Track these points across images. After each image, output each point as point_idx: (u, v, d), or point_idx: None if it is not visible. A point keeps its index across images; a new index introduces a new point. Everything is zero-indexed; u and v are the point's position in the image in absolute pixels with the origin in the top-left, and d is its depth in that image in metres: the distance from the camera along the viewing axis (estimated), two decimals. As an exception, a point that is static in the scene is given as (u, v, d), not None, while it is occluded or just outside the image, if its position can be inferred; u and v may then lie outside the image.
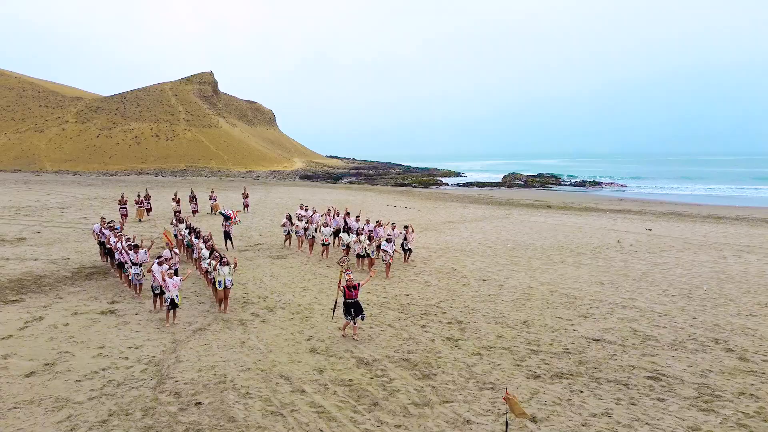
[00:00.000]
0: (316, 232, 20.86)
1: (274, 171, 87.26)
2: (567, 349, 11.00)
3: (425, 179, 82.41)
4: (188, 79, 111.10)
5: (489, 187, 70.92)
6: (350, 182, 76.45)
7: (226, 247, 21.35)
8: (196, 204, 32.16)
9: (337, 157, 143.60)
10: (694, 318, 12.81)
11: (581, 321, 12.70)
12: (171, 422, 8.03)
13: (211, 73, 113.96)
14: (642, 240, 23.24)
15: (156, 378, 9.58)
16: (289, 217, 21.77)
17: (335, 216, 21.72)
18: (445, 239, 23.69)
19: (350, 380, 9.55)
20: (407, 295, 14.95)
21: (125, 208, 29.55)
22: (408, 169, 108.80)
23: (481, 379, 9.58)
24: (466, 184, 77.29)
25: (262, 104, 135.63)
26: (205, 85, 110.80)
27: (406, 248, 18.97)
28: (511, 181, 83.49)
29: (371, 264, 17.74)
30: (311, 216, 21.91)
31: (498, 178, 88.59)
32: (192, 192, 33.45)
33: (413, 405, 8.66)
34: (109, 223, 19.24)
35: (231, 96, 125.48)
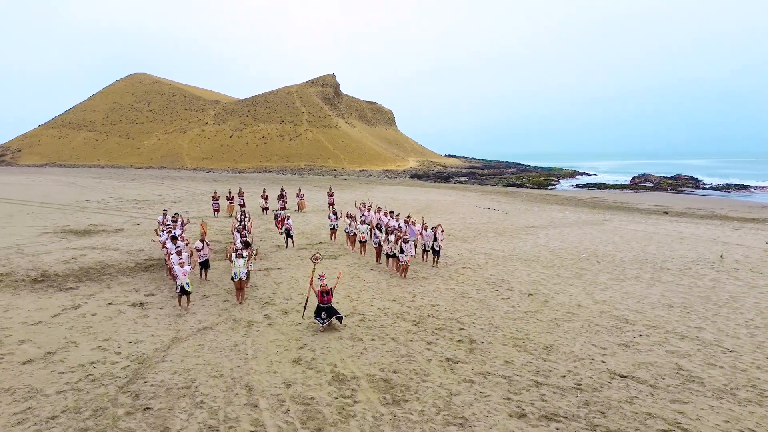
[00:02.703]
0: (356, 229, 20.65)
1: (387, 170, 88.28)
2: (579, 384, 9.29)
3: (541, 180, 78.40)
4: (312, 82, 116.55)
5: (611, 189, 65.51)
6: (459, 182, 74.97)
7: (286, 245, 21.62)
8: (284, 201, 33.16)
9: (455, 157, 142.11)
10: (769, 358, 10.26)
11: (618, 351, 10.74)
12: (109, 426, 7.90)
13: (333, 76, 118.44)
14: (753, 256, 19.55)
15: (130, 377, 9.63)
16: (335, 214, 21.86)
17: (377, 213, 21.42)
18: (515, 245, 21.86)
19: (312, 398, 8.83)
20: (434, 306, 13.81)
21: (217, 203, 31.40)
22: (526, 169, 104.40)
23: (455, 413, 8.34)
24: (585, 186, 72.18)
25: (382, 105, 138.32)
26: (327, 87, 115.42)
27: (436, 249, 17.82)
28: (639, 182, 76.59)
29: (396, 265, 16.92)
30: (363, 214, 21.82)
31: (629, 179, 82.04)
32: (282, 190, 34.55)
33: (359, 435, 7.74)
34: (173, 216, 20.31)
35: (352, 97, 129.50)
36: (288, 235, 21.62)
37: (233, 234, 18.41)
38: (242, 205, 33.49)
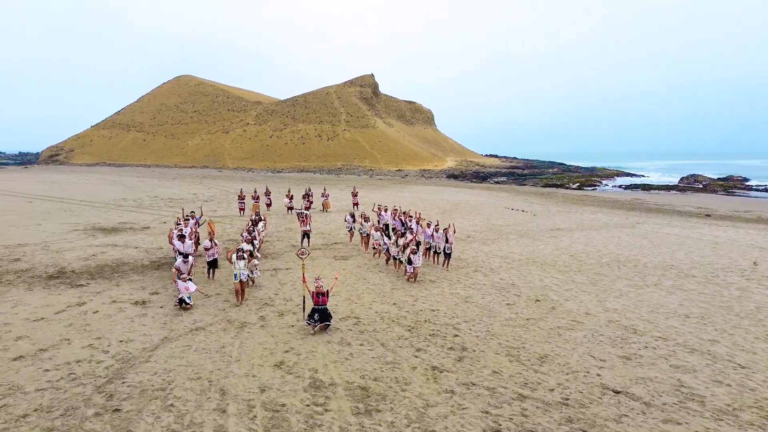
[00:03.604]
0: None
1: (423, 170, 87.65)
2: (567, 399, 8.71)
3: (582, 180, 76.13)
4: (351, 82, 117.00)
5: (656, 191, 62.93)
6: (497, 182, 73.68)
7: (301, 245, 21.55)
8: (308, 201, 33.23)
9: (496, 156, 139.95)
10: (785, 377, 9.38)
11: (617, 364, 10.07)
12: (74, 427, 7.88)
13: (371, 75, 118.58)
14: (792, 263, 18.20)
15: (110, 377, 9.64)
16: (353, 216, 21.67)
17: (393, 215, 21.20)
18: (534, 248, 21.09)
19: (283, 405, 8.59)
20: (433, 310, 13.37)
21: (243, 202, 31.75)
22: (567, 169, 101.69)
23: (426, 426, 7.94)
24: (629, 187, 69.56)
25: (421, 104, 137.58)
26: (365, 87, 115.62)
27: (447, 252, 17.34)
28: (687, 183, 73.40)
29: (403, 270, 16.55)
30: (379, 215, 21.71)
31: (678, 180, 79.19)
32: (307, 189, 34.64)
33: (320, 445, 7.45)
34: (190, 213, 20.56)
35: (390, 97, 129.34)
36: (305, 235, 21.59)
37: (242, 236, 18.48)
38: (269, 204, 33.86)
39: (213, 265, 16.50)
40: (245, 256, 14.06)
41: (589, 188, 67.06)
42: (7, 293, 14.70)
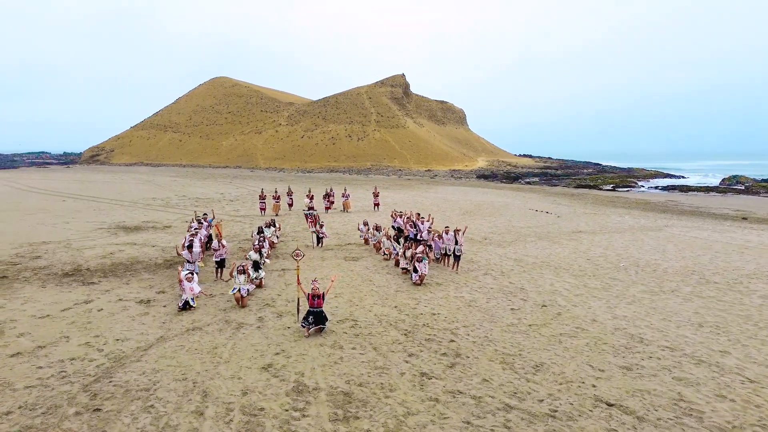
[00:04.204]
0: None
1: (453, 170, 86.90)
2: (555, 411, 8.31)
3: (617, 181, 74.19)
4: (382, 82, 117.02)
5: (694, 192, 60.89)
6: (527, 183, 72.43)
7: (314, 245, 21.57)
8: (329, 201, 33.28)
9: (530, 156, 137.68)
10: (796, 394, 8.74)
11: (616, 374, 9.58)
12: (52, 426, 7.93)
13: (402, 75, 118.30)
14: (825, 270, 17.12)
15: (99, 375, 9.71)
16: (366, 224, 21.68)
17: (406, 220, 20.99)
18: (551, 251, 20.47)
19: (262, 409, 8.46)
20: (434, 314, 13.07)
21: (264, 202, 32.00)
22: (603, 170, 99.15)
23: (402, 434, 7.70)
24: (666, 188, 67.38)
25: (453, 104, 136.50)
26: (396, 87, 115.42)
27: (457, 254, 17.02)
28: (728, 185, 70.69)
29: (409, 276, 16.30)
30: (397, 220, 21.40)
31: (719, 181, 76.71)
32: (328, 189, 34.69)
33: (290, 452, 7.29)
34: (203, 216, 20.75)
35: (422, 96, 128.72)
36: (318, 237, 21.66)
37: (253, 244, 18.58)
38: (290, 204, 34.06)
39: (221, 265, 16.61)
40: (245, 270, 14.05)
41: (624, 189, 65.31)
42: (20, 290, 15.10)
